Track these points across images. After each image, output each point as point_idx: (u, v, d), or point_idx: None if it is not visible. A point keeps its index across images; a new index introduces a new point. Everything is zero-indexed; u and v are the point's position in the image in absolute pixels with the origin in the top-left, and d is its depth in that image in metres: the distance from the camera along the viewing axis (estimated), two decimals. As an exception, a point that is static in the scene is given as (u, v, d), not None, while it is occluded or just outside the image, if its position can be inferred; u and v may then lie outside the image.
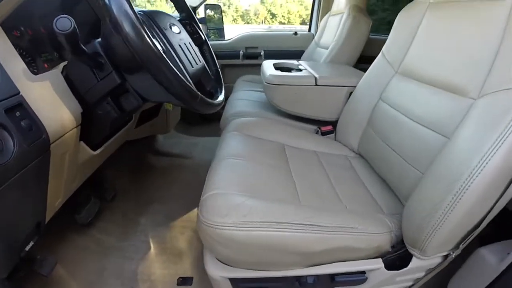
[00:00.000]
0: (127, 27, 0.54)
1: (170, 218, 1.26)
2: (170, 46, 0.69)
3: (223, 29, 2.48)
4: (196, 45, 0.89)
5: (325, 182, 0.88)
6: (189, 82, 0.67)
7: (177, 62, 0.67)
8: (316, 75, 1.16)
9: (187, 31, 0.88)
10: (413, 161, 0.79)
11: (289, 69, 1.41)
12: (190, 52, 0.76)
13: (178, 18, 0.92)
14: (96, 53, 0.67)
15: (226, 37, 2.43)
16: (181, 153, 1.72)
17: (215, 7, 2.48)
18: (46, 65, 0.71)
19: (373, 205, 0.83)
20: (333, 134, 1.19)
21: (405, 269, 0.69)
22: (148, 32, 0.56)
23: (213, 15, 2.48)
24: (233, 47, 2.28)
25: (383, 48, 1.06)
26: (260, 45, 2.29)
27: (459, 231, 0.63)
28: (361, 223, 0.69)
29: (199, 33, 0.94)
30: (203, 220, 0.62)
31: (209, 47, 0.97)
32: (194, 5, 2.10)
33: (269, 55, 2.25)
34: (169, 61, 0.57)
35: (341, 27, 1.64)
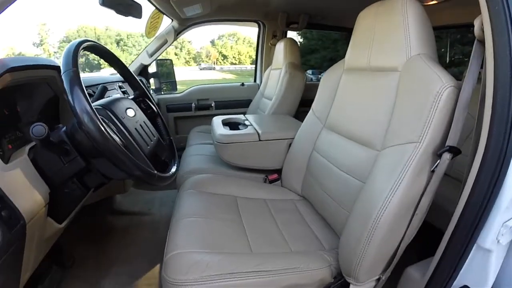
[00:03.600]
0: (88, 125, 0.64)
1: (134, 278, 1.26)
2: (128, 133, 0.79)
3: (175, 81, 2.63)
4: (150, 118, 1.01)
5: (273, 228, 1.01)
6: (147, 163, 0.78)
7: (135, 146, 0.78)
8: (259, 131, 1.34)
9: (141, 108, 1.00)
10: (341, 202, 0.96)
11: (236, 124, 1.58)
12: (145, 131, 0.88)
13: (132, 96, 1.05)
14: (62, 141, 0.75)
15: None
16: (140, 211, 1.74)
17: (166, 62, 2.66)
18: (10, 146, 0.77)
19: (315, 243, 0.97)
20: (280, 181, 1.35)
21: (346, 296, 0.82)
22: (107, 128, 0.66)
23: (165, 69, 2.64)
24: (186, 99, 2.44)
25: (313, 105, 1.27)
26: (211, 97, 2.48)
27: (380, 257, 0.78)
28: (303, 261, 0.82)
29: (152, 108, 1.06)
30: (168, 279, 0.71)
31: (162, 119, 1.09)
32: (147, 63, 2.26)
33: (220, 106, 2.46)
34: (126, 151, 0.67)
35: (280, 82, 1.89)
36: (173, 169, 0.92)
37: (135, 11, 1.43)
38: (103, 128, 0.64)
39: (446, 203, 1.07)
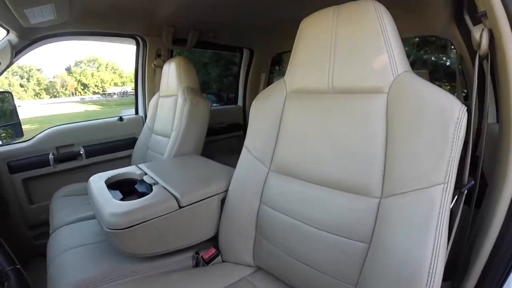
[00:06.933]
0: None
1: None
2: None
3: (19, 123, 1.74)
4: None
5: None
6: None
7: None
8: (177, 193, 0.87)
9: None
10: (338, 275, 0.68)
11: (131, 183, 1.06)
12: None
13: None
14: None
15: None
16: None
17: (3, 96, 1.76)
18: None
19: None
20: (219, 256, 0.92)
21: None
22: None
23: (2, 107, 1.77)
24: (38, 149, 1.63)
25: (246, 142, 0.92)
26: (77, 141, 1.76)
27: None
28: None
29: None
30: None
31: None
32: None
33: (92, 152, 1.76)
34: None
35: (179, 113, 1.45)
36: None
37: None
38: None
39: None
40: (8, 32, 1.32)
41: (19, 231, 1.58)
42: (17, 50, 1.41)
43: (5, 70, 1.39)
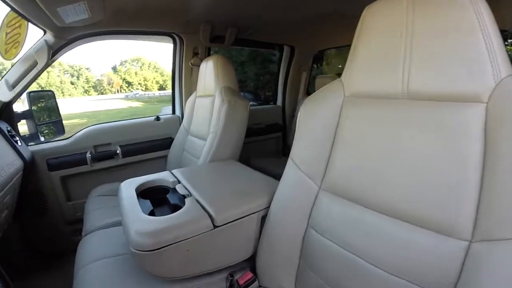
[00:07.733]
0: None
1: None
2: None
3: (60, 120, 1.79)
4: None
5: None
6: None
7: None
8: (212, 211, 0.77)
9: None
10: None
11: (162, 192, 0.98)
12: None
13: None
14: None
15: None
16: None
17: (44, 95, 1.83)
18: None
19: None
20: (256, 281, 0.81)
21: None
22: None
23: (44, 105, 1.82)
24: (76, 147, 1.65)
25: (292, 154, 0.79)
26: (114, 140, 1.75)
27: None
28: None
29: None
30: None
31: None
32: (7, 99, 1.43)
33: (128, 152, 1.75)
34: None
35: (217, 116, 1.36)
36: None
37: None
38: None
39: None
40: (45, 32, 1.32)
41: (57, 227, 1.61)
42: (54, 50, 1.40)
43: (43, 70, 1.39)
